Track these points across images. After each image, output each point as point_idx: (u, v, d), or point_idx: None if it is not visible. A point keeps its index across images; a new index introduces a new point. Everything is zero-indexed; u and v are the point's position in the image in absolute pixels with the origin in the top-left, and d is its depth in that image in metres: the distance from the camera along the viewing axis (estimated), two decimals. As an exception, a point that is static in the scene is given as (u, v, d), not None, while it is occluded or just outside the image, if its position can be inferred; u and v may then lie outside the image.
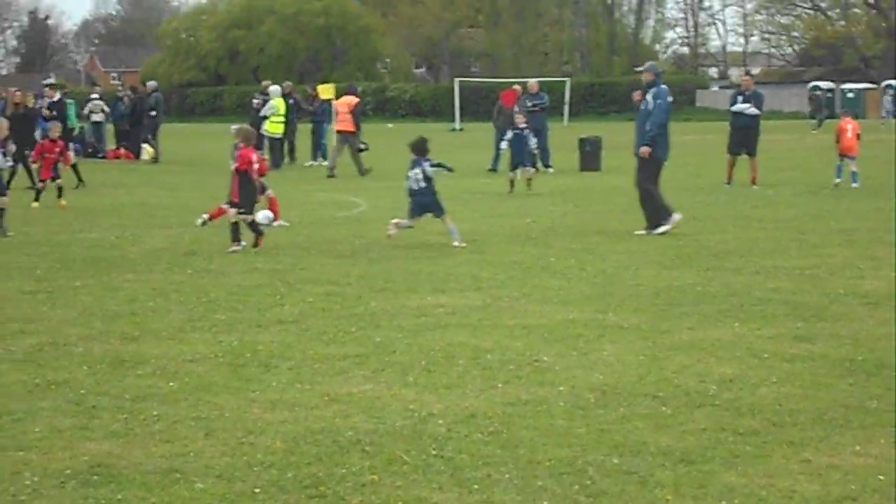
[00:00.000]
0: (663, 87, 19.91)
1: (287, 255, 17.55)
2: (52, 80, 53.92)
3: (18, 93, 34.40)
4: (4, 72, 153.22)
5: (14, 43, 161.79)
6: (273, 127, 38.18)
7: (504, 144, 29.26)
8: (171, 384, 9.80)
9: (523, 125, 28.56)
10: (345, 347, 11.27)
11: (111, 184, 32.03)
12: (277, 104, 38.39)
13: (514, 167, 28.44)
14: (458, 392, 9.54)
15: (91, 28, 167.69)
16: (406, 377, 10.06)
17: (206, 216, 20.26)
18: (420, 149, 19.05)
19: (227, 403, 9.20)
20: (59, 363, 10.59)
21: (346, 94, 37.03)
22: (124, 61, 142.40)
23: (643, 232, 19.46)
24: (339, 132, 35.85)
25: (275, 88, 39.48)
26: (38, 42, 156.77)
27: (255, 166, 18.53)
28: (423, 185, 18.76)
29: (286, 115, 38.64)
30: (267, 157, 27.87)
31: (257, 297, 14.04)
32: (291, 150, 40.89)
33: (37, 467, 7.61)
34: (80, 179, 29.77)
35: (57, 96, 36.96)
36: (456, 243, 18.30)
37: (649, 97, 19.78)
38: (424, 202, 18.82)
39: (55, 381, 9.86)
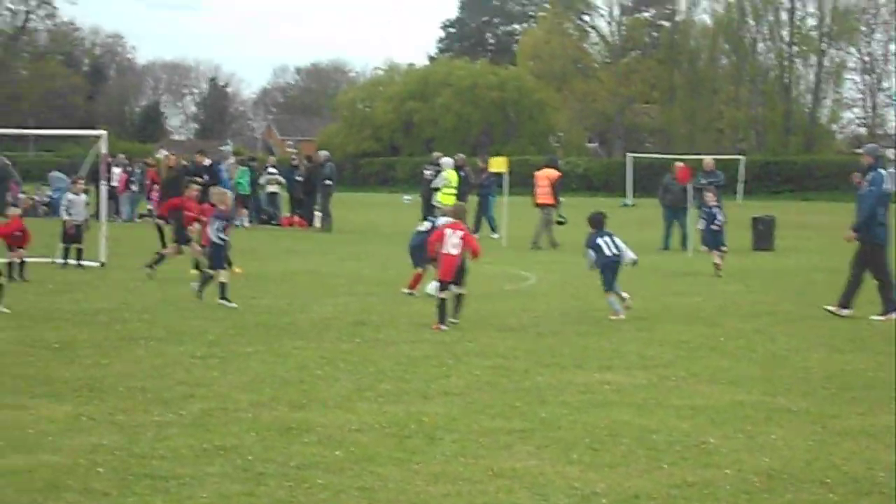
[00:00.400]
0: (880, 172, 19.41)
1: (455, 327, 17.59)
2: (228, 147, 55.07)
3: (173, 156, 35.07)
4: (183, 137, 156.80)
5: (193, 109, 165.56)
6: (445, 199, 38.45)
7: (701, 224, 28.49)
8: (336, 453, 9.88)
9: (713, 203, 28.01)
10: (510, 422, 11.25)
11: (284, 251, 32.50)
12: (449, 176, 38.70)
13: (713, 247, 27.42)
14: (622, 471, 9.46)
15: (269, 96, 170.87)
16: (570, 454, 10.00)
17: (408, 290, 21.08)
18: (598, 222, 19.08)
19: (391, 474, 9.24)
20: (227, 429, 10.74)
21: (547, 166, 37.32)
22: (301, 130, 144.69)
23: (880, 318, 19.05)
24: (539, 205, 36.00)
25: (447, 160, 39.85)
26: (217, 109, 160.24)
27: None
28: (615, 252, 18.80)
29: (458, 188, 38.89)
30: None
31: (424, 368, 14.10)
32: (481, 222, 41.03)
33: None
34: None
35: (207, 162, 37.67)
36: (614, 316, 18.34)
37: (867, 181, 19.41)
38: (615, 270, 18.86)
39: (223, 447, 10.00)
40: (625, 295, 18.87)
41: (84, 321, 17.45)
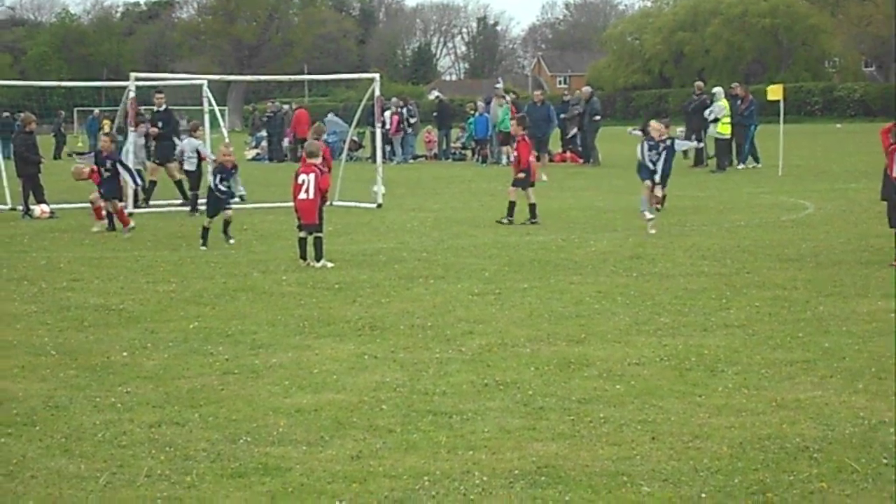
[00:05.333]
0: None
1: (732, 258, 17.35)
2: (500, 85, 55.29)
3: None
4: (454, 77, 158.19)
5: (463, 49, 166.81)
6: (723, 128, 38.03)
7: None
8: (617, 387, 9.85)
9: None
10: (792, 353, 11.04)
11: (557, 187, 32.50)
12: (725, 105, 38.16)
13: None
14: (911, 402, 9.19)
15: (538, 33, 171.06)
16: (856, 384, 9.77)
17: None
18: None
19: (673, 407, 9.17)
20: (506, 364, 10.82)
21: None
22: (570, 65, 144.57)
23: None
24: None
25: (718, 90, 39.27)
26: (487, 47, 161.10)
27: None
28: None
29: (731, 117, 38.29)
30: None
31: (702, 300, 13.94)
32: (739, 152, 40.28)
33: (486, 467, 7.78)
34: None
35: (163, 106, 31.04)
36: None
37: None
38: None
39: (503, 382, 10.08)
40: None
41: (363, 262, 17.78)
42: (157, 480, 7.55)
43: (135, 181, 24.07)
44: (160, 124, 28.40)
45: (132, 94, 27.05)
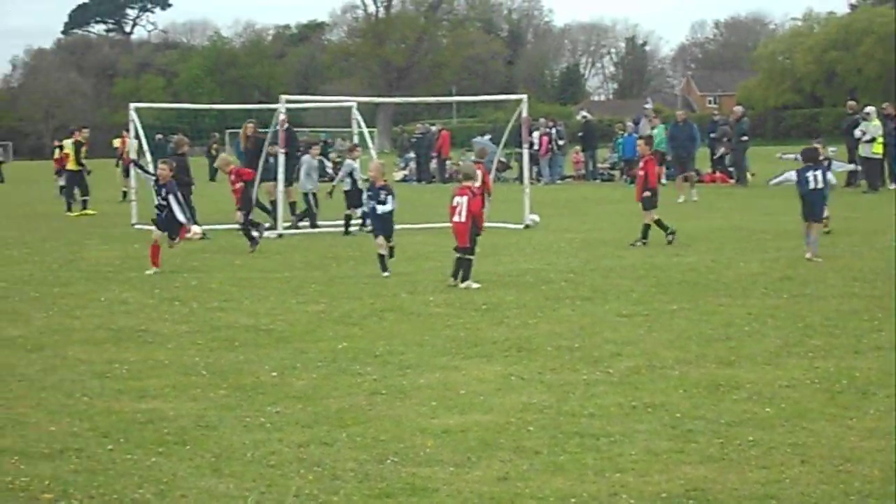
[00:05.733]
0: None
1: (884, 280, 17.04)
2: (649, 105, 55.02)
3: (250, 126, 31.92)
4: (602, 98, 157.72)
5: (612, 69, 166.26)
6: (877, 148, 37.41)
7: None
8: (766, 410, 9.72)
9: None
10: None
11: (707, 207, 32.22)
12: (878, 124, 37.56)
13: None
14: None
15: (688, 52, 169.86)
16: None
17: None
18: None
19: (824, 430, 9.02)
20: (655, 386, 10.73)
21: None
22: (720, 85, 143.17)
23: None
24: None
25: (871, 109, 38.63)
26: (636, 67, 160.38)
27: None
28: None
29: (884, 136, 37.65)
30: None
31: (854, 322, 13.71)
32: (891, 172, 39.48)
33: (633, 489, 7.72)
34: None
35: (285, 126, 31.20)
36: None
37: None
38: None
39: (651, 404, 10.00)
40: None
41: (510, 283, 17.79)
42: (305, 500, 7.61)
43: (185, 216, 20.99)
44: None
45: (282, 117, 27.41)
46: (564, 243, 23.48)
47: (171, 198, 20.19)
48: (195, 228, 25.57)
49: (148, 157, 30.72)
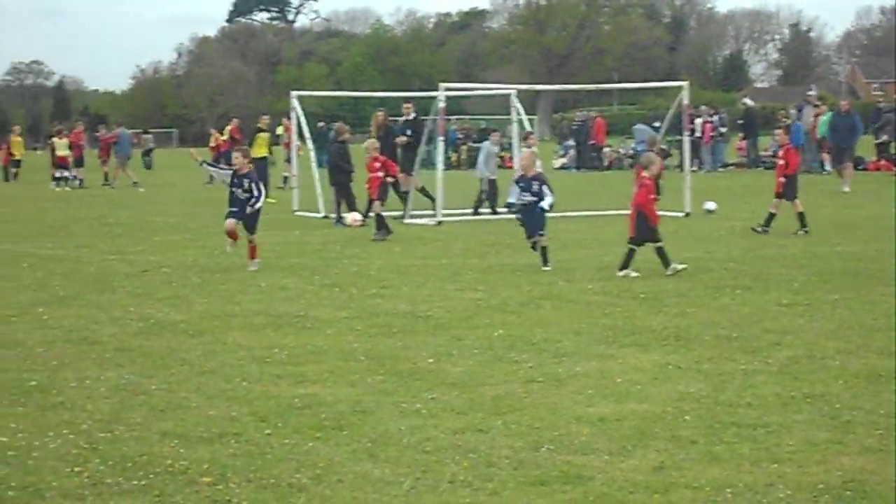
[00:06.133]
0: None
1: None
2: (812, 93, 54.15)
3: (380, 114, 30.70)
4: (766, 84, 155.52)
5: (776, 55, 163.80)
6: None
7: None
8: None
9: None
10: None
11: (874, 196, 31.64)
12: None
13: None
14: None
15: (853, 39, 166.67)
16: None
17: None
18: None
19: None
20: (814, 376, 10.58)
21: None
22: (885, 72, 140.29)
23: None
24: None
25: None
26: (800, 54, 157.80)
27: None
28: None
29: None
30: None
31: None
32: None
33: (790, 480, 7.62)
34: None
35: (412, 115, 30.22)
36: None
37: None
38: None
39: (811, 395, 9.86)
40: None
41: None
42: (459, 486, 7.65)
43: (255, 201, 18.93)
44: (408, 133, 28.70)
45: (441, 105, 27.54)
46: (724, 231, 23.26)
47: (254, 187, 18.71)
48: (354, 215, 25.80)
49: (309, 144, 31.17)
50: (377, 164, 23.39)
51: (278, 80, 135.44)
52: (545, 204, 18.36)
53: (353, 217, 25.72)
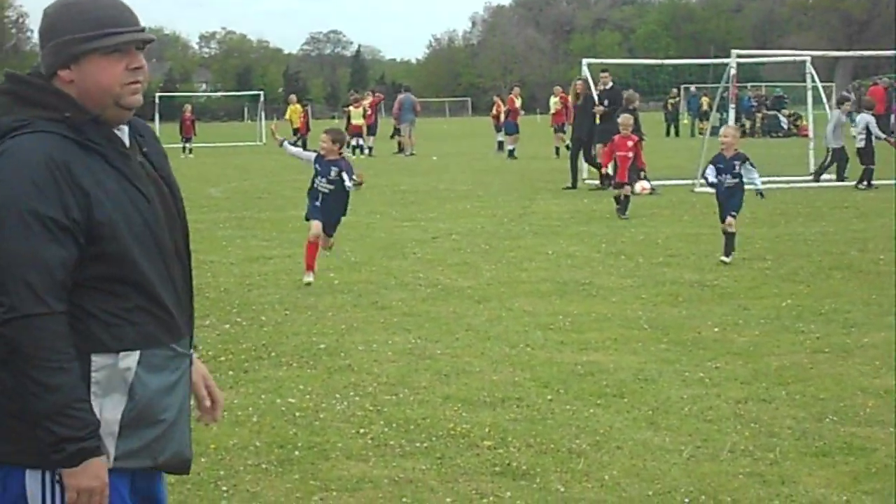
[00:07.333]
0: None
1: None
2: None
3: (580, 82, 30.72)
4: None
5: None
6: None
7: None
8: None
9: None
10: None
11: None
12: None
13: None
14: None
15: None
16: None
17: None
18: None
19: None
20: None
21: None
22: None
23: None
24: None
25: None
26: None
27: None
28: None
29: None
30: None
31: None
32: None
33: None
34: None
35: (609, 84, 29.11)
36: None
37: None
38: None
39: None
40: None
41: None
42: (739, 455, 7.59)
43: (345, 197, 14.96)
44: (606, 102, 28.06)
45: (733, 72, 27.15)
46: None
47: (344, 176, 14.51)
48: (644, 184, 25.63)
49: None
50: (629, 143, 22.51)
51: (571, 48, 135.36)
52: (761, 187, 16.80)
53: (641, 185, 25.53)
